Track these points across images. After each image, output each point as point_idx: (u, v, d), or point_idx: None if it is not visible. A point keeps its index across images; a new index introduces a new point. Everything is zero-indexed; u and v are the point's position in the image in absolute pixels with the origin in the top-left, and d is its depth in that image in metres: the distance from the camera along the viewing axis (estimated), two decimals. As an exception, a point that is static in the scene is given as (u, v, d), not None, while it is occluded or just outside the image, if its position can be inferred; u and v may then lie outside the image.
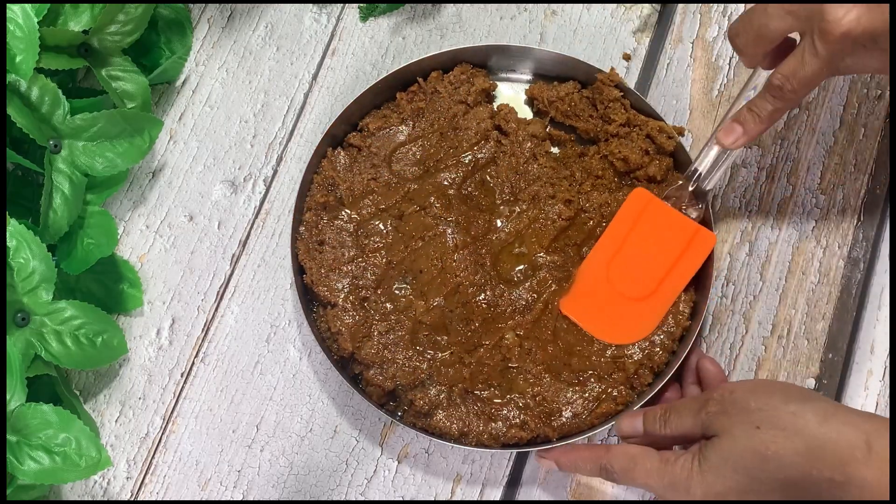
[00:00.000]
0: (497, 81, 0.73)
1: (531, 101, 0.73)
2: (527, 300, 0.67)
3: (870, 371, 0.68)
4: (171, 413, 0.69)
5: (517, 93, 0.73)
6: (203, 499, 0.67)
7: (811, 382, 0.68)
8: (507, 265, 0.68)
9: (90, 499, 0.67)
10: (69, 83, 0.73)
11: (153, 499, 0.67)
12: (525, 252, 0.68)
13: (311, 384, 0.69)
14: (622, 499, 0.66)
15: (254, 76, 0.76)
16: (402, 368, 0.65)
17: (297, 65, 0.76)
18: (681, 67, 0.75)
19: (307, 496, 0.67)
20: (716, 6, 0.76)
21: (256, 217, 0.73)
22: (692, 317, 0.66)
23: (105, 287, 0.70)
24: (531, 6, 0.77)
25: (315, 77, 0.76)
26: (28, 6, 0.63)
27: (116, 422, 0.69)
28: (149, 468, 0.68)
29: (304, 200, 0.69)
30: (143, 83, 0.71)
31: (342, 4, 0.78)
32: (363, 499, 0.67)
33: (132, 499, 0.67)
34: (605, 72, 0.70)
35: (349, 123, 0.71)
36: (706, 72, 0.74)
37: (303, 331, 0.70)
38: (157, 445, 0.68)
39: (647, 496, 0.66)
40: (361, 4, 0.77)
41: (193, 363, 0.70)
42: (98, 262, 0.67)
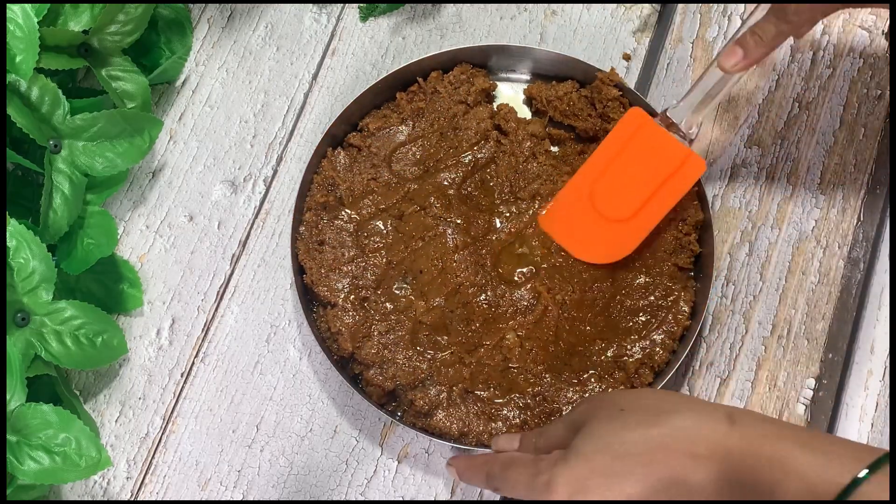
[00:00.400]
0: (497, 81, 0.73)
1: (530, 101, 0.73)
2: (528, 301, 0.67)
3: (870, 371, 0.68)
4: (171, 413, 0.69)
5: (517, 92, 0.73)
6: (203, 499, 0.67)
7: (811, 382, 0.68)
8: (509, 265, 0.68)
9: (90, 499, 0.67)
10: (69, 83, 0.73)
11: (153, 499, 0.67)
12: (526, 252, 0.68)
13: (311, 384, 0.69)
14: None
15: (254, 76, 0.76)
16: (402, 368, 0.65)
17: (297, 65, 0.76)
18: (681, 67, 0.75)
19: (307, 496, 0.67)
20: (716, 6, 0.76)
21: (256, 217, 0.73)
22: (692, 316, 0.66)
23: (105, 287, 0.70)
24: (531, 6, 0.77)
25: (315, 77, 0.76)
26: (28, 6, 0.63)
27: (116, 422, 0.69)
28: (149, 468, 0.68)
29: (305, 200, 0.69)
30: (143, 83, 0.71)
31: (342, 4, 0.78)
32: (363, 499, 0.67)
33: (132, 499, 0.67)
34: (605, 71, 0.70)
35: (349, 123, 0.71)
36: (706, 72, 0.74)
37: (303, 331, 0.70)
38: (157, 445, 0.68)
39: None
40: (361, 4, 0.77)
41: (193, 363, 0.70)
42: (98, 262, 0.67)
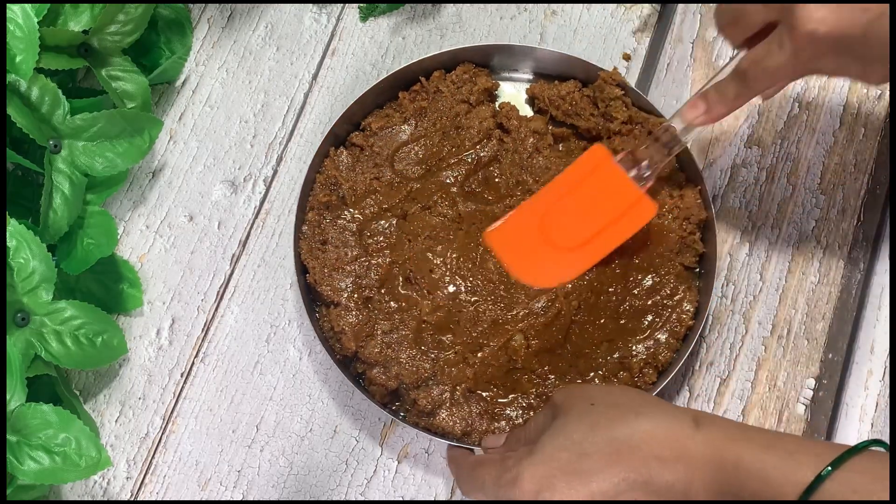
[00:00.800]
0: (499, 81, 0.73)
1: (532, 101, 0.73)
2: (543, 304, 0.66)
3: (870, 371, 0.68)
4: (171, 413, 0.69)
5: (519, 92, 0.73)
6: (203, 499, 0.67)
7: (811, 382, 0.68)
8: None
9: (90, 499, 0.67)
10: (69, 83, 0.73)
11: (153, 499, 0.67)
12: None
13: (311, 384, 0.69)
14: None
15: (254, 76, 0.76)
16: (406, 368, 0.64)
17: (297, 65, 0.76)
18: (681, 68, 0.75)
19: (307, 496, 0.67)
20: (716, 7, 0.76)
21: (256, 217, 0.73)
22: (696, 316, 0.66)
23: (105, 287, 0.70)
24: (531, 6, 0.77)
25: (315, 77, 0.76)
26: (28, 6, 0.63)
27: (116, 422, 0.69)
28: (149, 468, 0.68)
29: (307, 200, 0.69)
30: (143, 83, 0.71)
31: (342, 4, 0.78)
32: (363, 499, 0.66)
33: (132, 499, 0.67)
34: (608, 71, 0.70)
35: (351, 123, 0.71)
36: (706, 72, 0.74)
37: (303, 331, 0.70)
38: (157, 445, 0.68)
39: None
40: (361, 4, 0.77)
41: (193, 363, 0.70)
42: (98, 262, 0.67)
